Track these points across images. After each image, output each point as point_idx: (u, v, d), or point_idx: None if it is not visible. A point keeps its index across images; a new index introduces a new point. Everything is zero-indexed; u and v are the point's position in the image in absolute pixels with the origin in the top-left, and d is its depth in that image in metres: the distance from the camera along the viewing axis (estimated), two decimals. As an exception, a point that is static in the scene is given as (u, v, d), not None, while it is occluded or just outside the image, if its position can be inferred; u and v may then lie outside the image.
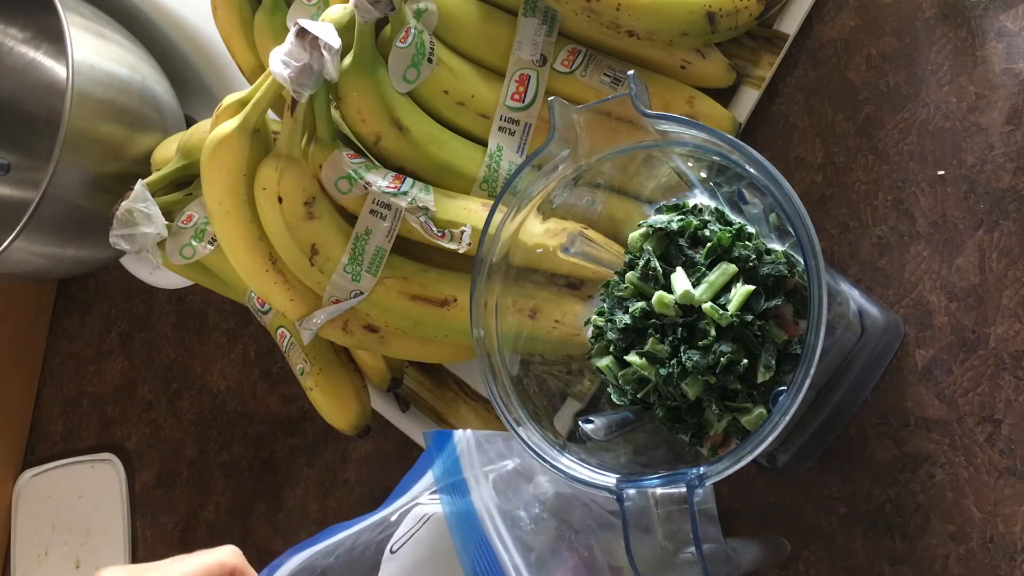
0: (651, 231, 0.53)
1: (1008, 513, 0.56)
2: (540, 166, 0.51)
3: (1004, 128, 0.59)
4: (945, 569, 0.57)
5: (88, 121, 0.72)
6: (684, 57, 0.64)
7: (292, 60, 0.56)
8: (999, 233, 0.58)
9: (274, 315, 0.69)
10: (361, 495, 0.78)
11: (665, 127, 0.47)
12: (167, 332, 0.90)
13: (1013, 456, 0.56)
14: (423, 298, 0.61)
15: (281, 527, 0.81)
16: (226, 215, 0.61)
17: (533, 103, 0.64)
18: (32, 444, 0.97)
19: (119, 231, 0.66)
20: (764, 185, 0.44)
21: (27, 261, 0.76)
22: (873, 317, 0.56)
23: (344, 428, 0.68)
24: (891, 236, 0.61)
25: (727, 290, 0.50)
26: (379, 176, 0.61)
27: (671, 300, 0.50)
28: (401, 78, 0.62)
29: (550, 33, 0.64)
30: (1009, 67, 0.59)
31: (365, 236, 0.60)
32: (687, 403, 0.51)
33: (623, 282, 0.54)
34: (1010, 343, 0.57)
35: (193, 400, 0.88)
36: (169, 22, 0.84)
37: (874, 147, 0.62)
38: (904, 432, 0.59)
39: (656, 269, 0.52)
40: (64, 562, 0.91)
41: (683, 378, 0.50)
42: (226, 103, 0.62)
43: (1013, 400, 0.56)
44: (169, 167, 0.70)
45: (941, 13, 0.62)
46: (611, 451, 0.53)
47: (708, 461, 0.45)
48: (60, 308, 0.98)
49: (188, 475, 0.87)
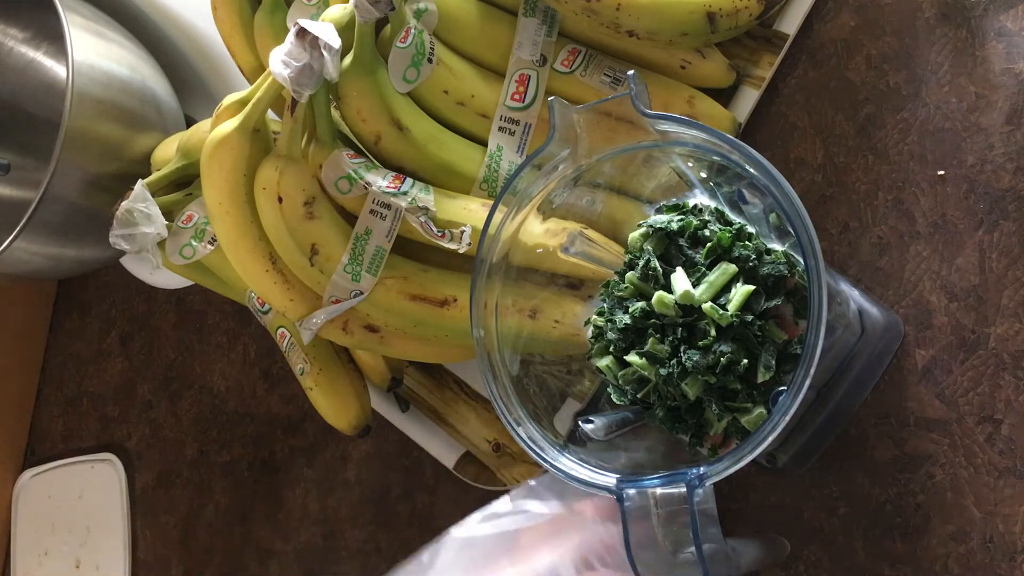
0: (651, 231, 0.53)
1: (1008, 513, 0.56)
2: (540, 166, 0.51)
3: (1004, 128, 0.59)
4: (945, 569, 0.57)
5: (88, 121, 0.72)
6: (684, 57, 0.64)
7: (292, 60, 0.56)
8: (999, 233, 0.58)
9: (274, 315, 0.69)
10: (361, 495, 0.78)
11: (665, 127, 0.48)
12: (167, 332, 0.90)
13: (1013, 456, 0.56)
14: (423, 298, 0.61)
15: (281, 527, 0.81)
16: (226, 215, 0.61)
17: (533, 103, 0.64)
18: (32, 444, 0.97)
19: (119, 231, 0.66)
20: (764, 185, 0.44)
21: (27, 261, 0.76)
22: (873, 317, 0.56)
23: (344, 428, 0.68)
24: (891, 236, 0.61)
25: (727, 290, 0.50)
26: (379, 176, 0.61)
27: (671, 300, 0.50)
28: (401, 78, 0.62)
29: (550, 33, 0.64)
30: (1009, 67, 0.59)
31: (365, 236, 0.60)
32: (687, 403, 0.51)
33: (623, 282, 0.54)
34: (1010, 343, 0.57)
35: (193, 400, 0.88)
36: (169, 22, 0.84)
37: (874, 147, 0.62)
38: (904, 432, 0.59)
39: (656, 269, 0.52)
40: (64, 562, 0.91)
41: (683, 378, 0.50)
42: (226, 103, 0.62)
43: (1013, 400, 0.56)
44: (169, 167, 0.70)
45: (941, 13, 0.62)
46: (611, 451, 0.53)
47: (708, 461, 0.45)
48: (60, 308, 0.98)
49: (188, 475, 0.87)
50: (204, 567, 0.85)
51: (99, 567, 0.89)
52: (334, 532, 0.78)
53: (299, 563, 0.80)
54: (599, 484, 0.47)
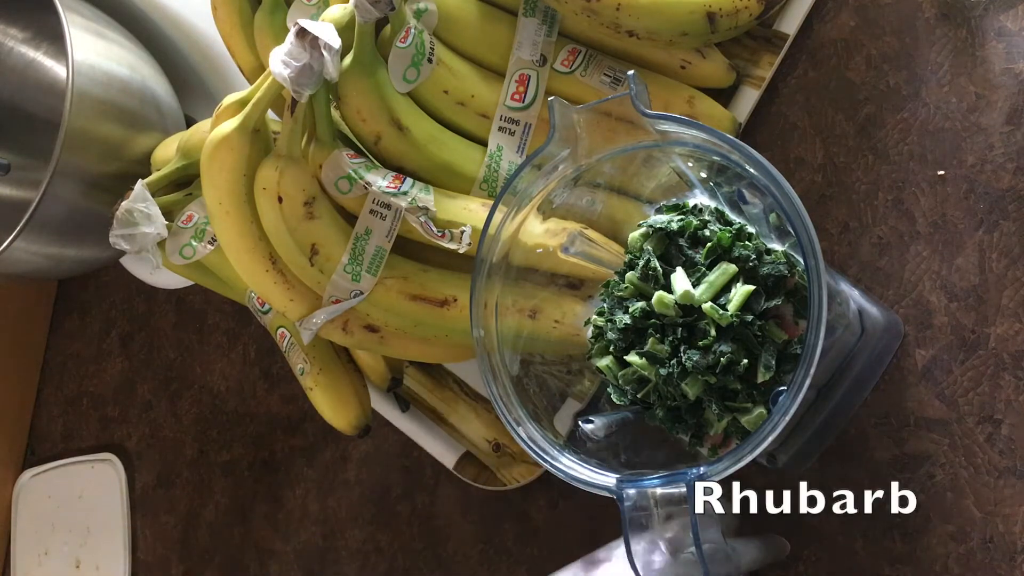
0: (651, 231, 0.53)
1: (1008, 513, 0.56)
2: (540, 166, 0.51)
3: (1004, 128, 0.59)
4: (945, 569, 0.57)
5: (88, 121, 0.72)
6: (684, 57, 0.64)
7: (292, 60, 0.56)
8: (999, 233, 0.58)
9: (274, 315, 0.69)
10: (361, 495, 0.78)
11: (665, 127, 0.48)
12: (167, 332, 0.90)
13: (1013, 456, 0.56)
14: (423, 298, 0.61)
15: (281, 527, 0.81)
16: (226, 215, 0.61)
17: (533, 103, 0.64)
18: (32, 444, 0.97)
19: (119, 231, 0.66)
20: (764, 185, 0.44)
21: (27, 261, 0.76)
22: (873, 317, 0.56)
23: (344, 428, 0.68)
24: (891, 236, 0.61)
25: (727, 290, 0.50)
26: (379, 176, 0.61)
27: (671, 300, 0.50)
28: (401, 78, 0.62)
29: (550, 33, 0.64)
30: (1009, 67, 0.59)
31: (365, 236, 0.60)
32: (687, 403, 0.51)
33: (623, 282, 0.54)
34: (1010, 343, 0.57)
35: (193, 400, 0.88)
36: (169, 22, 0.84)
37: (874, 147, 0.62)
38: (904, 432, 0.59)
39: (656, 269, 0.52)
40: (64, 562, 0.91)
41: (683, 378, 0.50)
42: (226, 103, 0.62)
43: (1013, 400, 0.56)
44: (169, 167, 0.70)
45: (941, 13, 0.62)
46: (611, 451, 0.53)
47: (708, 461, 0.45)
48: (60, 308, 0.98)
49: (188, 475, 0.87)
50: (204, 567, 0.85)
51: (99, 567, 0.89)
52: (334, 532, 0.79)
53: (299, 563, 0.80)
54: (599, 484, 0.47)
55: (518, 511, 0.71)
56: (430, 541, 0.74)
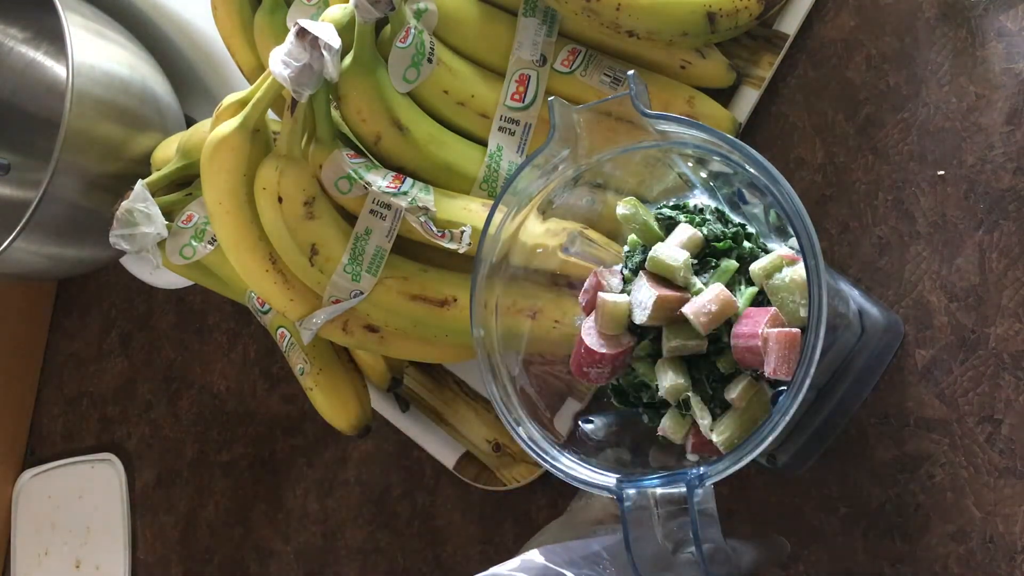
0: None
1: (1008, 513, 0.56)
2: (540, 166, 0.51)
3: (1004, 128, 0.59)
4: (945, 569, 0.57)
5: (88, 121, 0.72)
6: (684, 57, 0.64)
7: (292, 60, 0.56)
8: (999, 233, 0.58)
9: (274, 315, 0.69)
10: (361, 495, 0.78)
11: (665, 127, 0.48)
12: (167, 332, 0.90)
13: (1013, 456, 0.56)
14: (423, 298, 0.61)
15: (281, 527, 0.81)
16: (226, 215, 0.61)
17: (533, 103, 0.64)
18: (32, 444, 0.97)
19: (119, 231, 0.66)
20: (764, 185, 0.44)
21: (27, 261, 0.76)
22: (873, 317, 0.56)
23: (344, 428, 0.68)
24: (891, 236, 0.61)
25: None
26: (379, 176, 0.61)
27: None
28: (401, 78, 0.62)
29: (550, 33, 0.64)
30: (1009, 67, 0.59)
31: (365, 236, 0.60)
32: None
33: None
34: (1010, 343, 0.57)
35: (193, 400, 0.88)
36: (169, 22, 0.84)
37: (874, 147, 0.62)
38: (904, 432, 0.59)
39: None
40: (64, 562, 0.91)
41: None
42: (226, 103, 0.62)
43: (1013, 400, 0.56)
44: (169, 167, 0.70)
45: (941, 13, 0.62)
46: (611, 451, 0.53)
47: (708, 461, 0.45)
48: (60, 308, 0.98)
49: (188, 475, 0.87)
50: (204, 567, 0.85)
51: (99, 567, 0.89)
52: (334, 532, 0.78)
53: (299, 563, 0.80)
54: (599, 484, 0.47)
55: (518, 511, 0.71)
56: (430, 541, 0.74)
